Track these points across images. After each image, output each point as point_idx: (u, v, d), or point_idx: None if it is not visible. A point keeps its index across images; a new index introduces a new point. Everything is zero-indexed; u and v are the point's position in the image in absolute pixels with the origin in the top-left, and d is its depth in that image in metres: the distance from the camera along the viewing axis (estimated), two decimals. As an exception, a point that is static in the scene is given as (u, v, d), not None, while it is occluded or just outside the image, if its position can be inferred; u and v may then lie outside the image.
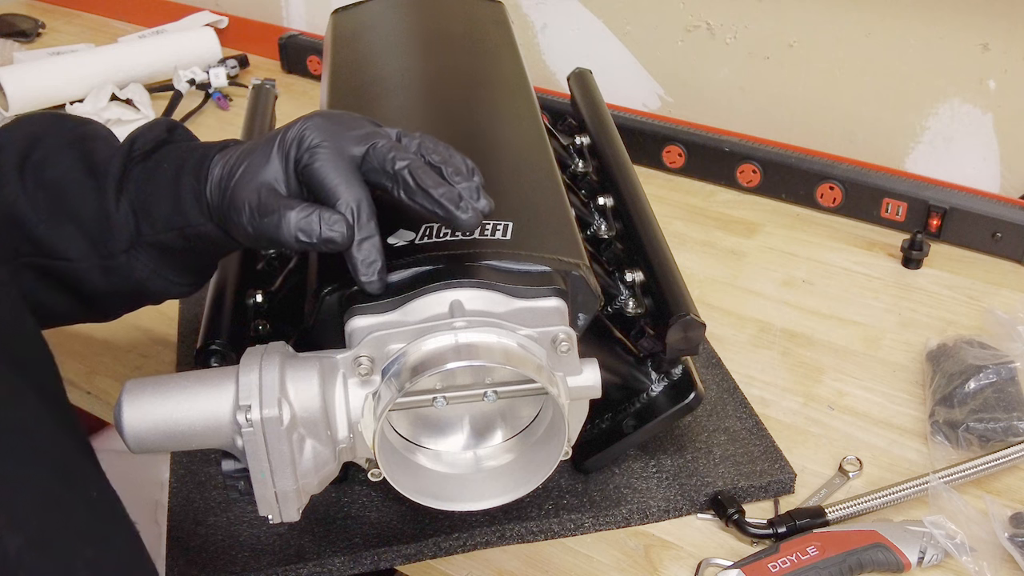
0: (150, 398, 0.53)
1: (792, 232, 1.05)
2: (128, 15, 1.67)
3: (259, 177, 0.58)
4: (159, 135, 0.65)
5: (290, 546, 0.70)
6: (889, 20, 1.08)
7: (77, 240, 0.62)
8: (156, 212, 0.62)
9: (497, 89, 0.82)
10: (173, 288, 0.66)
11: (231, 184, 0.58)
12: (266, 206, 0.56)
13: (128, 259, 0.63)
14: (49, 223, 0.62)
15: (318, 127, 0.57)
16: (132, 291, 0.65)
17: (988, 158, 1.09)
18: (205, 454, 0.78)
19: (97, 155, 0.64)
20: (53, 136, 0.65)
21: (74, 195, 0.62)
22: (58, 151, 0.64)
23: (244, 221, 0.57)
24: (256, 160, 0.58)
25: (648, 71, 1.28)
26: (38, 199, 0.62)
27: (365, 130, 0.58)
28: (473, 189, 0.57)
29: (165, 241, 0.62)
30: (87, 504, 0.50)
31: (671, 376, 0.72)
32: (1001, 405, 0.77)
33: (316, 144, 0.57)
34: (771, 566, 0.66)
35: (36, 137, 0.65)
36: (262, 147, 0.59)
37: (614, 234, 0.82)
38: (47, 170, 0.63)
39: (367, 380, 0.55)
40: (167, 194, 0.61)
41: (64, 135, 0.65)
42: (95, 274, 0.63)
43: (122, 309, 0.70)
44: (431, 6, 0.95)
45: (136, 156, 0.63)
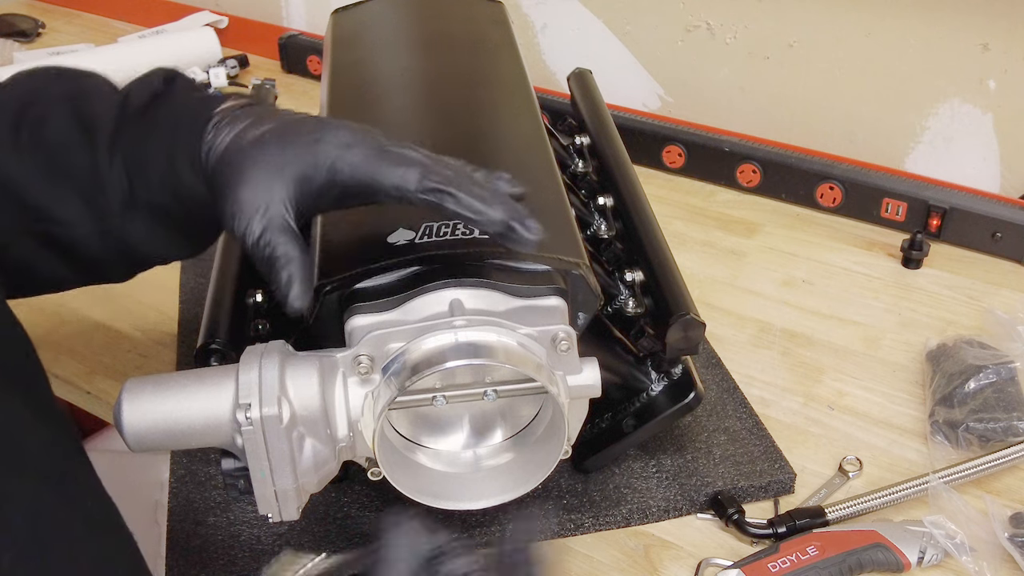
0: (150, 397, 0.53)
1: (792, 232, 1.05)
2: (128, 15, 1.67)
3: (272, 188, 0.53)
4: (156, 87, 0.60)
5: (290, 546, 0.70)
6: (889, 20, 1.08)
7: (74, 203, 0.59)
8: (150, 171, 0.58)
9: (497, 89, 0.82)
10: (173, 251, 0.63)
11: (241, 170, 0.54)
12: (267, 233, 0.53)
13: (123, 222, 0.59)
14: (45, 186, 0.58)
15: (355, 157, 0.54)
16: (132, 255, 0.62)
17: (988, 158, 1.09)
18: (205, 454, 0.78)
19: (92, 111, 0.60)
20: (51, 92, 0.61)
21: (69, 155, 0.59)
22: (54, 109, 0.60)
23: (234, 223, 0.53)
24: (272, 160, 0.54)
25: (648, 71, 1.28)
26: (34, 161, 0.59)
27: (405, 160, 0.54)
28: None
29: (160, 203, 0.58)
30: (82, 514, 0.48)
31: (671, 376, 0.72)
32: (1001, 405, 0.77)
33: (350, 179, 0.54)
34: (771, 566, 0.66)
35: (34, 94, 0.61)
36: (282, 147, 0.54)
37: (614, 234, 0.82)
38: (43, 129, 0.59)
39: (367, 379, 0.55)
40: (161, 152, 0.57)
41: (62, 90, 0.62)
42: (92, 239, 0.60)
43: (126, 272, 0.66)
44: (431, 6, 0.95)
45: (130, 111, 0.59)
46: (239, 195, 0.53)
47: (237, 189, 0.54)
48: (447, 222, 0.60)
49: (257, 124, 0.56)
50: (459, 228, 0.60)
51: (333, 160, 0.54)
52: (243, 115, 0.57)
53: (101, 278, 0.65)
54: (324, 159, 0.54)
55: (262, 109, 0.58)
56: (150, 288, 0.98)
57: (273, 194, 0.53)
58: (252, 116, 0.57)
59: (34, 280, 0.59)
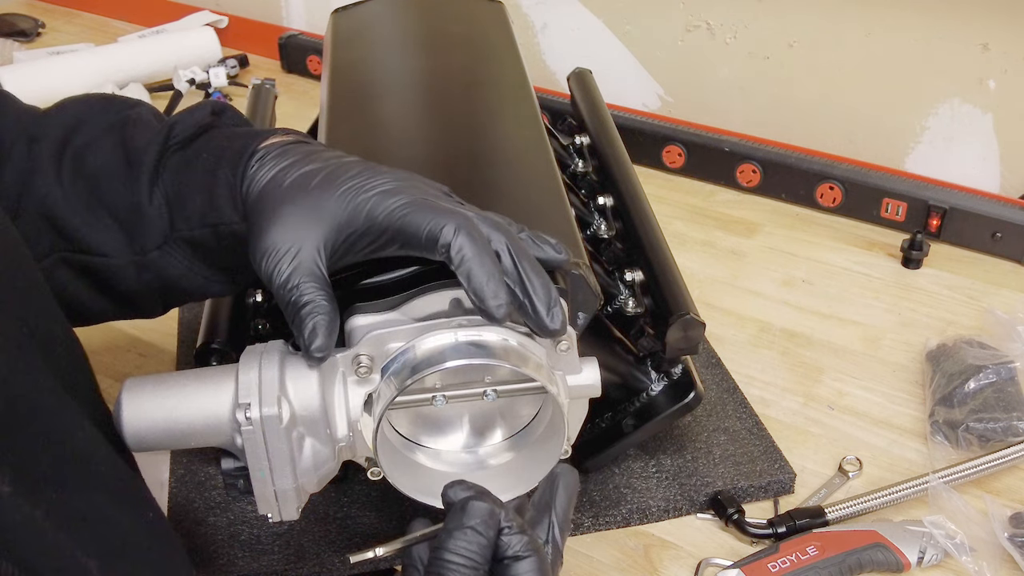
0: (150, 396, 0.53)
1: (792, 232, 1.05)
2: (128, 15, 1.68)
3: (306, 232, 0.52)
4: (201, 119, 0.59)
5: (289, 546, 0.70)
6: (889, 20, 1.08)
7: (113, 234, 0.58)
8: (190, 206, 0.57)
9: (497, 89, 0.82)
10: (210, 287, 0.61)
11: (277, 209, 0.53)
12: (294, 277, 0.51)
13: (161, 256, 0.58)
14: (85, 216, 0.58)
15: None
16: (168, 289, 0.61)
17: (988, 158, 1.09)
18: (205, 454, 0.78)
19: (136, 141, 0.59)
20: (96, 121, 0.60)
21: (109, 186, 0.58)
22: (99, 138, 0.59)
23: (263, 263, 0.52)
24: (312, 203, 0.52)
25: (648, 71, 1.28)
26: (75, 190, 0.58)
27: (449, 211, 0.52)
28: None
29: (198, 237, 0.57)
30: (145, 527, 0.49)
31: (671, 375, 0.72)
32: (1001, 405, 0.77)
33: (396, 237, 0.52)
34: (771, 566, 0.66)
35: (79, 121, 0.60)
36: (325, 192, 0.52)
37: (614, 234, 0.82)
38: (86, 159, 0.58)
39: (367, 379, 0.55)
40: (202, 187, 0.56)
41: (107, 119, 0.60)
42: (129, 271, 0.59)
43: (161, 306, 0.64)
44: (431, 6, 0.95)
45: (174, 143, 0.58)
46: (271, 235, 0.52)
47: (270, 229, 0.52)
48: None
49: (301, 164, 0.55)
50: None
51: (369, 207, 0.52)
52: (288, 152, 0.56)
53: (136, 311, 0.64)
54: (360, 205, 0.52)
55: (309, 148, 0.57)
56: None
57: (307, 238, 0.52)
58: (297, 155, 0.55)
59: (70, 310, 0.57)
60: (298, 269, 0.52)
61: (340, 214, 0.52)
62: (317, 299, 0.51)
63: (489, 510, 0.49)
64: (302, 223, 0.52)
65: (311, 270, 0.52)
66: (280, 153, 0.56)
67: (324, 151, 0.57)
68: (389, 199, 0.52)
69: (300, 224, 0.52)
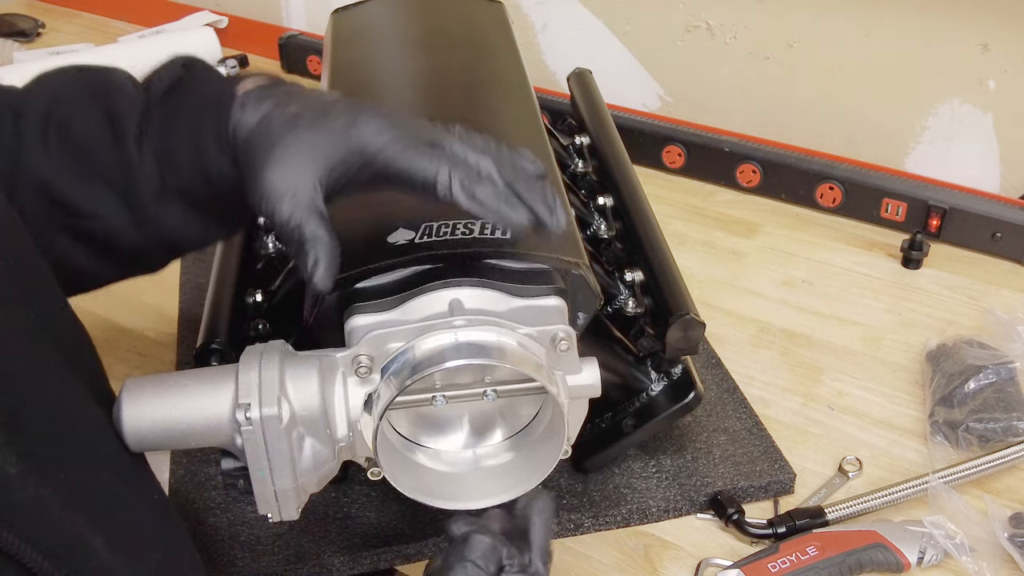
0: (149, 396, 0.53)
1: (792, 232, 1.05)
2: (128, 15, 1.67)
3: (302, 170, 0.53)
4: (175, 73, 0.60)
5: (289, 546, 0.70)
6: (889, 20, 1.08)
7: (106, 196, 0.59)
8: (179, 157, 0.58)
9: (497, 89, 0.82)
10: (209, 235, 0.63)
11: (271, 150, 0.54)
12: (296, 215, 0.53)
13: (158, 210, 0.59)
14: (77, 183, 0.59)
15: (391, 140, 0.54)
16: (168, 241, 0.62)
17: (988, 158, 1.09)
18: (205, 455, 0.78)
19: (119, 107, 0.60)
20: (74, 93, 0.61)
21: (98, 151, 0.59)
22: (80, 108, 0.60)
23: (263, 203, 0.53)
24: (304, 143, 0.54)
25: (648, 71, 1.28)
26: (64, 160, 0.59)
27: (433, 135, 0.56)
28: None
29: (191, 188, 0.59)
30: (151, 506, 0.51)
31: (671, 376, 0.72)
32: (1001, 405, 0.77)
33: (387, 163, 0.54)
34: (771, 566, 0.66)
35: (57, 97, 0.61)
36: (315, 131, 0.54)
37: (614, 234, 0.82)
38: (71, 129, 0.59)
39: (366, 379, 0.55)
40: (188, 137, 0.58)
41: (86, 90, 0.62)
42: (129, 229, 0.60)
43: (163, 260, 0.66)
44: (431, 6, 0.95)
45: (153, 100, 0.60)
46: (269, 176, 0.53)
47: (267, 170, 0.54)
48: (447, 222, 0.60)
49: (286, 104, 0.56)
50: (459, 228, 0.60)
51: (365, 145, 0.54)
52: (270, 94, 0.57)
53: (139, 267, 0.66)
54: (356, 143, 0.54)
55: (288, 88, 0.58)
56: (150, 288, 0.98)
57: (303, 176, 0.53)
58: (279, 95, 0.57)
59: (74, 277, 0.60)
60: (298, 206, 0.53)
61: (334, 153, 0.54)
62: (318, 233, 0.53)
63: (491, 545, 0.51)
64: (297, 163, 0.53)
65: (310, 206, 0.53)
66: (261, 96, 0.57)
67: (303, 91, 0.58)
68: (381, 137, 0.54)
69: (295, 164, 0.53)
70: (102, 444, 0.49)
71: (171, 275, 0.99)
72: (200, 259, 1.00)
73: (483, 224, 0.60)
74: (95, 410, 0.50)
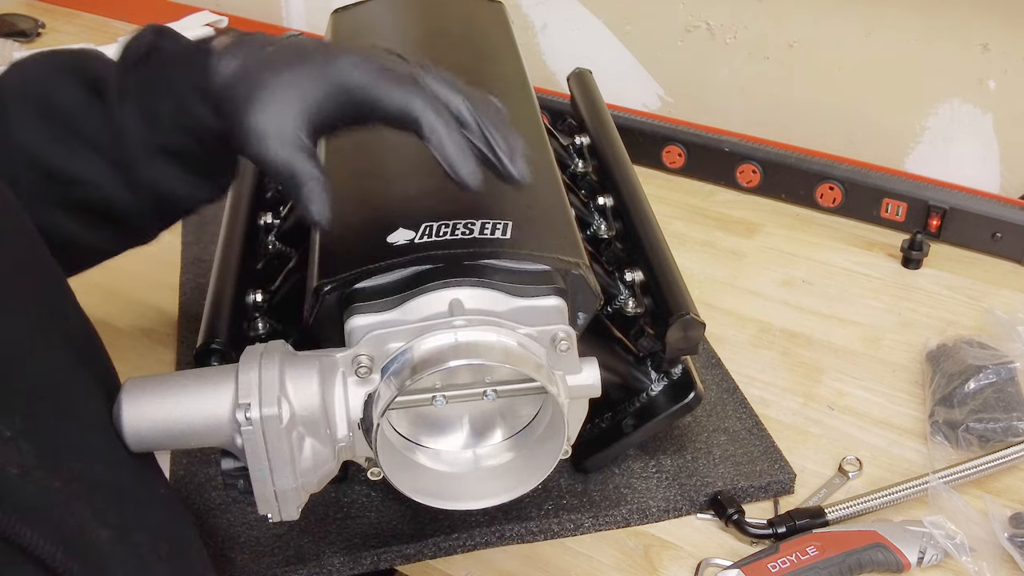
0: (149, 397, 0.53)
1: (792, 232, 1.05)
2: (128, 15, 1.67)
3: (285, 110, 0.55)
4: (150, 39, 0.62)
5: (289, 547, 0.70)
6: (889, 20, 1.08)
7: (96, 162, 0.61)
8: (163, 114, 0.59)
9: (497, 89, 0.82)
10: (200, 193, 0.64)
11: (252, 92, 0.55)
12: (283, 152, 0.54)
13: (148, 169, 0.61)
14: (63, 152, 0.60)
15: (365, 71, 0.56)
16: (162, 203, 0.63)
17: (988, 158, 1.09)
18: (204, 455, 0.78)
19: (94, 72, 0.62)
20: (48, 69, 0.63)
21: (81, 117, 0.61)
22: (57, 80, 0.62)
23: (249, 145, 0.55)
24: (284, 83, 0.55)
25: (648, 71, 1.28)
26: (49, 131, 0.61)
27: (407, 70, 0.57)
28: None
29: (177, 144, 0.60)
30: (157, 500, 0.52)
31: (671, 376, 0.72)
32: (1001, 405, 0.77)
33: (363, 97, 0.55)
34: (771, 566, 0.66)
35: (31, 75, 0.63)
36: (295, 71, 0.55)
37: (614, 234, 0.82)
38: (51, 99, 0.61)
39: (366, 379, 0.55)
40: (169, 95, 0.59)
41: (57, 64, 0.64)
42: (121, 192, 0.61)
43: (157, 226, 0.67)
44: (431, 6, 0.95)
45: (131, 63, 0.61)
46: (253, 118, 0.55)
47: (251, 112, 0.55)
48: (447, 222, 0.60)
49: (261, 50, 0.58)
50: (459, 228, 0.60)
51: (344, 80, 0.55)
52: (245, 43, 0.58)
53: (133, 237, 0.67)
54: (335, 79, 0.55)
55: (261, 37, 0.60)
56: (150, 287, 0.98)
57: (287, 115, 0.55)
58: (254, 45, 0.58)
59: (70, 253, 0.61)
60: (285, 145, 0.54)
61: (315, 91, 0.55)
62: (307, 168, 0.54)
63: None
64: (279, 102, 0.55)
65: (296, 143, 0.54)
66: (237, 46, 0.58)
67: (272, 37, 0.60)
68: (359, 71, 0.55)
69: (277, 103, 0.55)
70: (110, 438, 0.50)
71: (171, 275, 0.99)
72: (200, 259, 1.00)
73: (483, 224, 0.60)
74: (103, 405, 0.51)
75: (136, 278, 0.99)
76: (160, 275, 0.99)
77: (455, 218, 0.60)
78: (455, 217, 0.61)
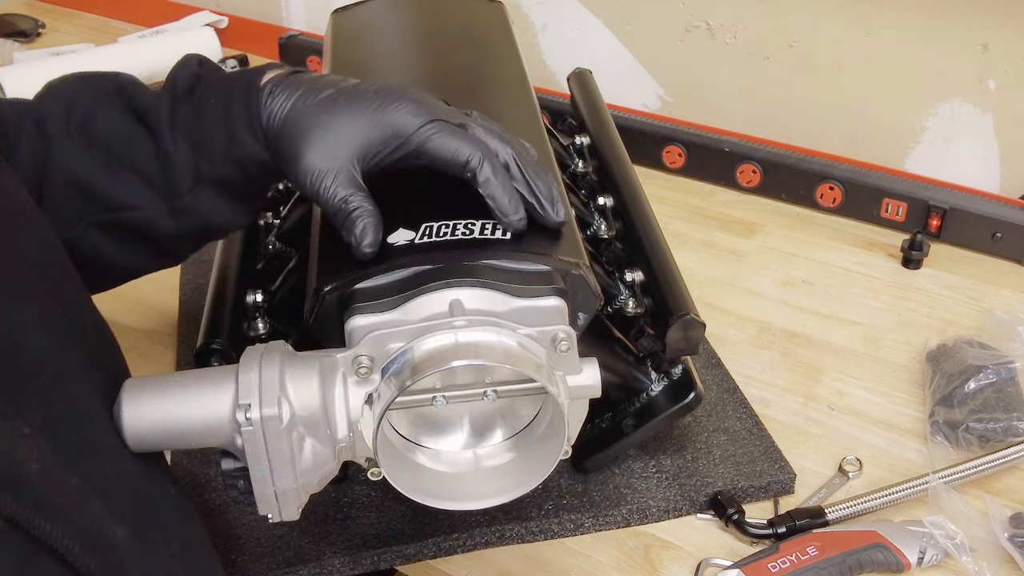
0: (150, 397, 0.53)
1: (792, 232, 1.05)
2: (128, 15, 1.67)
3: (341, 149, 0.58)
4: (194, 70, 0.64)
5: (289, 547, 0.70)
6: (889, 20, 1.08)
7: (140, 188, 0.62)
8: (212, 146, 0.61)
9: (497, 89, 0.82)
10: (240, 219, 0.66)
11: (308, 133, 0.58)
12: (341, 190, 0.57)
13: (193, 198, 0.63)
14: (109, 177, 0.62)
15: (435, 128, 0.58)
16: (201, 229, 0.65)
17: (988, 158, 1.09)
18: (205, 456, 0.78)
19: (140, 101, 0.63)
20: (88, 94, 0.65)
21: (128, 144, 0.62)
22: (100, 106, 0.64)
23: (308, 183, 0.58)
24: (340, 124, 0.58)
25: (648, 71, 1.28)
26: (93, 155, 0.62)
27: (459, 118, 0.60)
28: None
29: (223, 175, 0.62)
30: (169, 499, 0.53)
31: (671, 376, 0.72)
32: (1001, 405, 0.77)
33: (425, 139, 0.58)
34: (771, 566, 0.66)
35: (72, 98, 0.64)
36: (350, 113, 0.58)
37: (614, 234, 0.82)
38: (95, 125, 0.63)
39: (367, 379, 0.55)
40: (219, 127, 0.61)
41: (99, 90, 0.65)
42: (164, 219, 0.63)
43: (191, 249, 0.70)
44: (431, 6, 0.95)
45: (179, 95, 0.63)
46: (310, 156, 0.58)
47: (309, 152, 0.58)
48: (447, 222, 0.60)
49: (316, 90, 0.60)
50: (459, 228, 0.60)
51: (399, 127, 0.58)
52: (296, 82, 0.61)
53: (167, 258, 0.69)
54: (390, 125, 0.58)
55: (312, 77, 0.62)
56: (150, 288, 0.98)
57: (343, 154, 0.58)
58: (306, 83, 0.61)
59: (100, 271, 0.63)
60: (342, 183, 0.57)
61: (371, 133, 0.58)
62: (365, 204, 0.57)
63: None
64: (335, 143, 0.58)
65: (353, 182, 0.58)
66: (289, 84, 0.61)
67: (326, 77, 0.62)
68: (414, 120, 0.58)
69: (334, 144, 0.58)
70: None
71: (171, 275, 0.99)
72: (200, 259, 1.00)
73: (483, 224, 0.60)
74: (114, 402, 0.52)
75: (136, 279, 0.99)
76: (160, 275, 0.99)
77: (455, 218, 0.60)
78: (455, 217, 0.60)
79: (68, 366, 0.49)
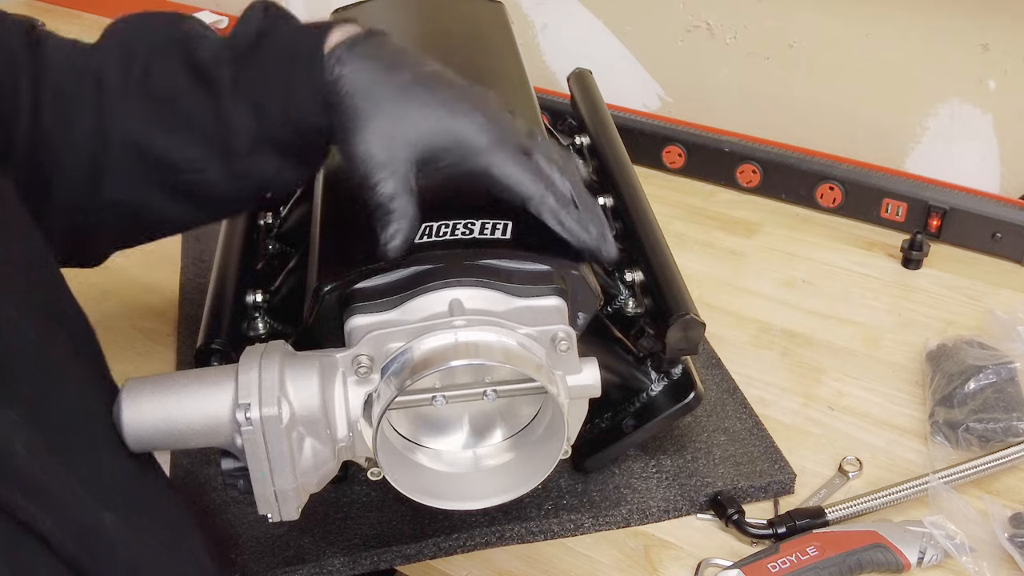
0: (150, 397, 0.53)
1: (792, 232, 1.05)
2: (128, 15, 1.67)
3: (402, 148, 0.56)
4: (259, 23, 0.61)
5: (289, 547, 0.70)
6: (889, 20, 1.08)
7: (198, 148, 0.61)
8: (270, 107, 0.59)
9: (497, 89, 0.82)
10: (293, 181, 0.65)
11: (375, 118, 0.56)
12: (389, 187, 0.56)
13: (253, 159, 0.61)
14: (167, 138, 0.61)
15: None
16: (256, 189, 0.64)
17: (988, 158, 1.09)
18: (205, 455, 0.78)
19: (200, 55, 0.61)
20: (147, 44, 0.62)
21: (187, 103, 0.60)
22: (159, 60, 0.61)
23: (360, 168, 0.56)
24: (410, 121, 0.57)
25: (648, 71, 1.28)
26: (150, 116, 0.61)
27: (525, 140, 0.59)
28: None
29: (281, 137, 0.60)
30: (159, 489, 0.54)
31: (671, 376, 0.72)
32: (1001, 405, 0.77)
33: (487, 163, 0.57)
34: (771, 566, 0.66)
35: (132, 48, 0.62)
36: (422, 113, 0.57)
37: (614, 234, 0.81)
38: (153, 81, 0.61)
39: (366, 379, 0.55)
40: (280, 87, 0.59)
41: (159, 40, 0.63)
42: (221, 179, 0.62)
43: (243, 207, 0.70)
44: (431, 6, 0.95)
45: (242, 51, 0.60)
46: (371, 142, 0.56)
47: (369, 138, 0.56)
48: (447, 222, 0.60)
49: (391, 69, 0.58)
50: (459, 228, 0.60)
51: (467, 142, 0.57)
52: (369, 53, 0.59)
53: (222, 214, 0.71)
54: (459, 136, 0.57)
55: (389, 50, 0.60)
56: (150, 287, 0.99)
57: (404, 152, 0.56)
58: (381, 56, 0.59)
59: (153, 223, 0.63)
60: (394, 179, 0.56)
61: (435, 139, 0.57)
62: (408, 208, 0.56)
63: None
64: (400, 137, 0.56)
65: (405, 180, 0.56)
66: (361, 54, 0.58)
67: (403, 55, 0.60)
68: (483, 137, 0.57)
69: (398, 138, 0.56)
70: (109, 429, 0.52)
71: (171, 275, 0.99)
72: (200, 259, 1.00)
73: (483, 224, 0.60)
74: (101, 397, 0.53)
75: (136, 278, 0.99)
76: (160, 275, 0.99)
77: (455, 218, 0.60)
78: (455, 217, 0.60)
79: (54, 358, 0.50)
